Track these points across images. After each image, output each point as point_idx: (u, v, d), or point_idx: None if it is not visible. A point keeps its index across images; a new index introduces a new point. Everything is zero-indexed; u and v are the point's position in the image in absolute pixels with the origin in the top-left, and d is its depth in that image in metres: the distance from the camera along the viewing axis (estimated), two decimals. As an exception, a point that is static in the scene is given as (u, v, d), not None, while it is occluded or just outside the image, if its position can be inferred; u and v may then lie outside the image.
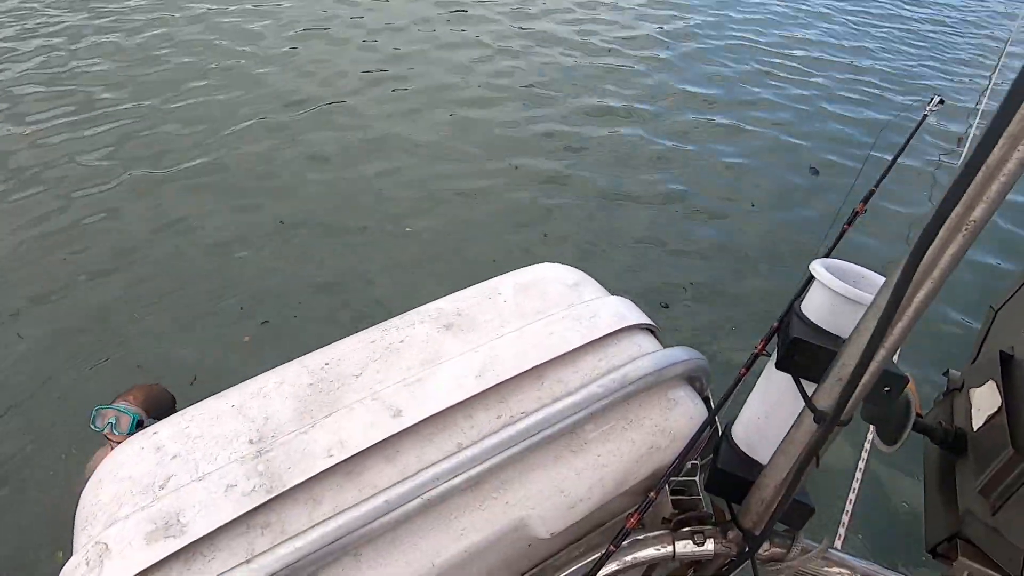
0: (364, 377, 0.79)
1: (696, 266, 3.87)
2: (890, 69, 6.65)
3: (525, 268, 0.99)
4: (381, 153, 4.51)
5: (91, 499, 0.70)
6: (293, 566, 0.60)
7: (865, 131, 5.38)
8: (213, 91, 5.07)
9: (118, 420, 2.13)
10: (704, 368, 0.85)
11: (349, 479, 0.70)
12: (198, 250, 3.65)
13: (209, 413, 0.76)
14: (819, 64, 6.45)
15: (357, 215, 3.98)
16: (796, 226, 4.25)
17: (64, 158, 4.22)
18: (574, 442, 0.76)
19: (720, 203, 4.39)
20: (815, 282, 0.67)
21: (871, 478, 2.80)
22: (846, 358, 0.57)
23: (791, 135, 5.23)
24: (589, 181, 4.45)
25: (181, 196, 4.00)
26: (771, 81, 6.00)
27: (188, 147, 4.43)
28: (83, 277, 3.42)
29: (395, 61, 5.69)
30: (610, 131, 5.01)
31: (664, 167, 4.68)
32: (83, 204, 3.89)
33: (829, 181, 4.72)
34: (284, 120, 4.77)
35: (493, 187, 4.31)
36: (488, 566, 0.73)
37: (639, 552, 0.73)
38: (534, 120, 5.04)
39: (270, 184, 4.16)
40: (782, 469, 0.65)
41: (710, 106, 5.50)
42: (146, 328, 3.18)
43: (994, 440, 0.82)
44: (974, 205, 0.47)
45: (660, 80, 5.81)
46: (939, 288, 0.52)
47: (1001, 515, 0.78)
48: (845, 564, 0.73)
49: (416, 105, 5.08)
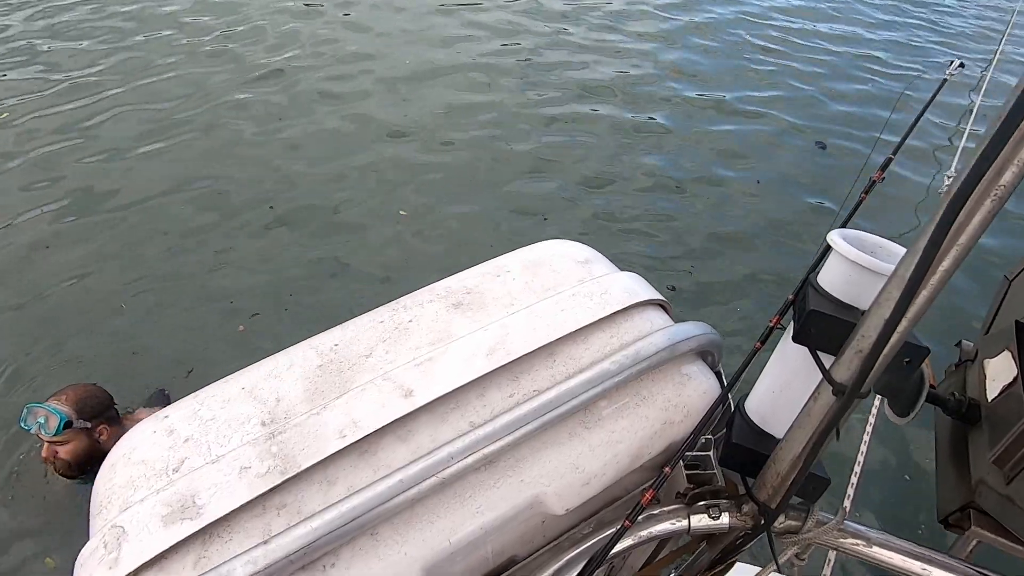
0: (374, 357, 0.78)
1: (702, 245, 3.84)
2: (896, 39, 6.52)
3: (533, 245, 0.97)
4: (369, 136, 4.42)
5: (105, 483, 0.70)
6: (312, 545, 0.60)
7: (877, 103, 5.30)
8: (191, 67, 4.90)
9: (47, 420, 2.13)
10: (716, 343, 0.84)
11: (363, 459, 0.69)
12: (184, 236, 3.59)
13: (220, 396, 0.76)
14: (822, 37, 6.32)
15: (347, 198, 3.90)
16: (803, 202, 4.21)
17: (35, 142, 4.11)
18: (588, 419, 0.76)
19: (724, 180, 4.34)
20: (832, 253, 0.66)
21: (879, 450, 2.82)
22: (866, 329, 0.56)
23: (796, 108, 5.15)
24: (589, 161, 4.40)
25: (161, 179, 3.92)
26: (772, 57, 5.86)
27: (164, 127, 4.30)
28: (65, 270, 3.34)
29: (380, 40, 5.55)
30: (608, 110, 4.94)
31: (663, 146, 4.62)
32: (58, 189, 3.79)
33: (839, 153, 4.65)
34: (271, 100, 4.63)
35: (490, 169, 4.25)
36: (503, 543, 0.74)
37: (654, 527, 0.73)
38: (529, 101, 4.94)
39: (256, 168, 4.06)
40: (799, 442, 0.65)
41: (712, 82, 5.41)
42: (133, 319, 3.12)
43: (1010, 410, 0.81)
44: (1004, 170, 0.46)
45: (660, 56, 5.69)
46: (964, 256, 0.50)
47: (1015, 484, 0.78)
48: (860, 535, 0.73)
49: (402, 86, 4.97)
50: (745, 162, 4.53)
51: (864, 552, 0.72)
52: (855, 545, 0.72)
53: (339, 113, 4.61)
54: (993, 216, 0.48)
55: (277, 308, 3.24)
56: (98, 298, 3.20)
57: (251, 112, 4.54)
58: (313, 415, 0.71)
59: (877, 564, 0.72)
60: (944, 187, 1.95)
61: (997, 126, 0.43)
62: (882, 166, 0.90)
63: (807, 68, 5.76)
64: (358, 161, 4.21)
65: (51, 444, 2.20)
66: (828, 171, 4.48)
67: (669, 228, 3.95)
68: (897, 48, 6.37)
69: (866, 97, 5.42)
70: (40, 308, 3.14)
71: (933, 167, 4.60)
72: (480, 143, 4.46)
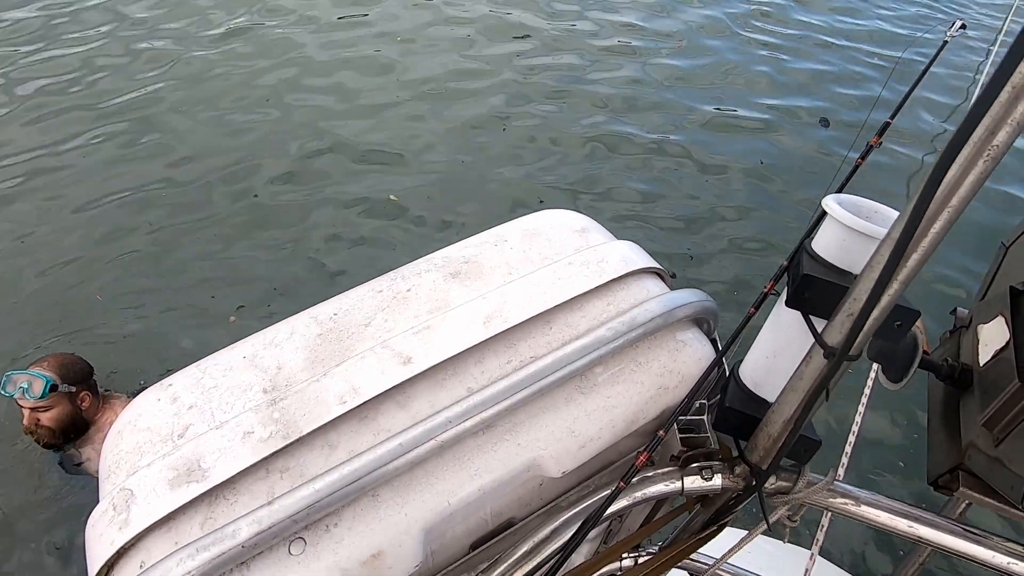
0: (373, 326, 0.79)
1: (703, 217, 3.83)
2: (899, 6, 6.35)
3: (531, 215, 0.98)
4: (355, 113, 4.31)
5: (113, 449, 0.72)
6: (314, 506, 0.62)
7: (875, 69, 5.19)
8: (155, 37, 4.78)
9: (31, 384, 2.14)
10: (712, 310, 0.85)
11: (364, 424, 0.71)
12: (167, 222, 3.54)
13: (222, 364, 0.77)
14: (821, 9, 6.14)
15: (336, 179, 3.84)
16: (805, 175, 4.17)
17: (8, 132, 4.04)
18: (584, 384, 0.77)
19: (725, 159, 4.28)
20: (827, 218, 0.66)
21: (877, 417, 2.86)
22: (858, 292, 0.57)
23: (798, 81, 5.04)
24: (585, 134, 4.34)
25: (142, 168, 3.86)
26: (771, 25, 5.72)
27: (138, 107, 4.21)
28: (39, 260, 3.32)
29: (367, 3, 5.40)
30: (610, 77, 4.85)
31: (662, 118, 4.54)
32: (35, 180, 3.75)
33: (841, 127, 4.58)
34: (258, 80, 4.53)
35: (484, 144, 4.19)
36: (502, 504, 0.76)
37: (648, 488, 0.75)
38: (524, 69, 4.84)
39: (241, 154, 3.98)
40: (791, 405, 0.66)
41: (712, 53, 5.29)
42: (110, 310, 3.10)
43: (1001, 373, 0.82)
44: (997, 129, 0.46)
45: (657, 26, 5.55)
46: (956, 218, 0.51)
47: (1004, 446, 0.79)
48: (849, 495, 0.74)
49: (391, 55, 4.85)
50: (745, 140, 4.47)
51: (853, 511, 0.74)
52: (844, 504, 0.74)
53: (320, 90, 4.51)
54: (986, 177, 0.48)
55: (263, 301, 3.21)
56: (76, 291, 3.18)
57: (236, 95, 4.43)
58: (314, 382, 0.73)
59: (865, 522, 0.74)
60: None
61: (987, 84, 0.43)
62: (879, 131, 0.89)
63: (806, 42, 5.60)
64: (340, 136, 4.13)
65: (33, 412, 2.20)
66: (832, 146, 4.41)
67: (669, 204, 3.92)
68: (898, 17, 6.20)
69: (865, 75, 5.28)
70: (15, 300, 3.13)
71: (938, 133, 4.55)
72: (474, 117, 4.40)
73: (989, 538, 0.72)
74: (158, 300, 3.18)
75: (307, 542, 0.64)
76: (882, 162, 4.16)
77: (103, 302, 3.15)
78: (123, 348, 2.96)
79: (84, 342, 2.94)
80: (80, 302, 3.13)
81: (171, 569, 0.58)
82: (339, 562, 0.64)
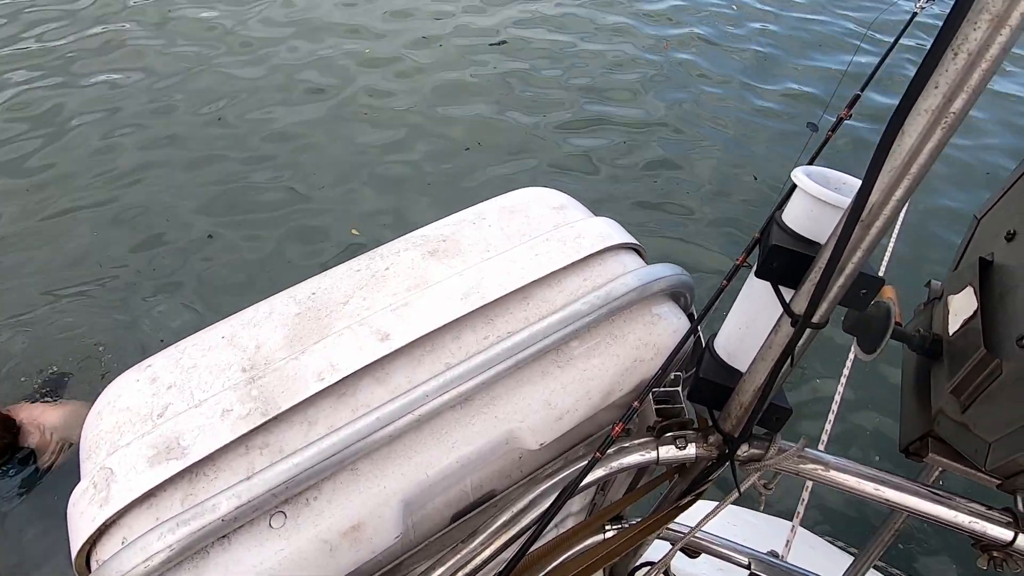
0: (351, 304, 0.80)
1: (689, 204, 3.83)
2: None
3: (509, 193, 0.98)
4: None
5: (93, 430, 0.72)
6: (293, 479, 0.63)
7: (845, 44, 5.15)
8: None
9: None
10: (687, 284, 0.86)
11: (342, 400, 0.72)
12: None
13: (201, 344, 0.77)
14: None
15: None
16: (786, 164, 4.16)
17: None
18: (560, 358, 0.78)
19: (717, 159, 4.25)
20: (796, 190, 0.67)
21: (859, 391, 2.91)
22: (822, 261, 0.58)
23: (768, 54, 4.99)
24: (569, 105, 4.30)
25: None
26: (745, 27, 5.59)
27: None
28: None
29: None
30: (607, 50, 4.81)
31: (642, 111, 4.51)
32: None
33: (811, 100, 4.53)
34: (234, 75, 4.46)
35: (472, 126, 4.16)
36: (481, 476, 0.77)
37: (624, 458, 0.77)
38: (500, 51, 4.78)
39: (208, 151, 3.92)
40: (761, 373, 0.67)
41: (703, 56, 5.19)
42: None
43: (968, 342, 0.84)
44: (954, 96, 0.46)
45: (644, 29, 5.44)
46: (916, 186, 0.52)
47: (970, 412, 0.81)
48: (819, 461, 0.76)
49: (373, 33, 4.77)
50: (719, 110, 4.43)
51: (823, 476, 0.76)
52: (814, 470, 0.76)
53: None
54: (943, 144, 0.49)
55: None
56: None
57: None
58: (292, 360, 0.73)
59: (834, 486, 0.76)
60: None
61: (931, 50, 0.43)
62: (849, 103, 0.90)
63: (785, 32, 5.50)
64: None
65: None
66: (803, 117, 4.39)
67: (658, 190, 3.92)
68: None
69: (836, 47, 5.22)
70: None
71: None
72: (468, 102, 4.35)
73: (952, 499, 0.75)
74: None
75: (287, 516, 0.65)
76: (856, 133, 4.16)
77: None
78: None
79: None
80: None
81: (152, 543, 0.59)
82: (320, 534, 0.65)
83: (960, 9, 0.41)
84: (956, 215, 3.71)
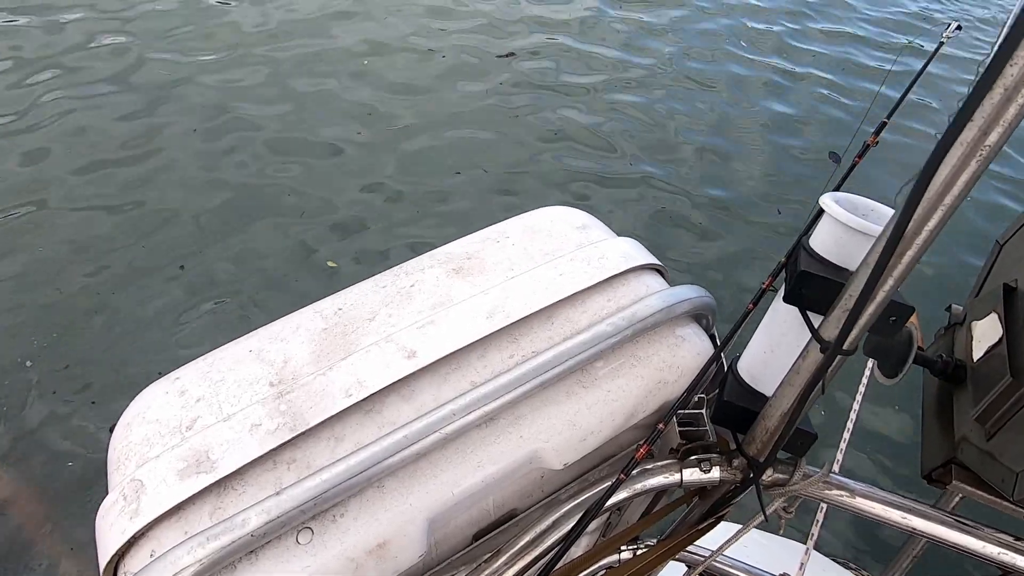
0: (377, 321, 0.80)
1: (706, 225, 3.84)
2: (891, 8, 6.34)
3: (532, 211, 0.99)
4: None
5: (122, 441, 0.73)
6: (321, 496, 0.63)
7: (871, 74, 5.20)
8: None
9: None
10: (711, 306, 0.86)
11: (369, 417, 0.72)
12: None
13: (229, 358, 0.78)
14: (812, 35, 6.04)
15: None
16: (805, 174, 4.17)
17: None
18: (585, 378, 0.79)
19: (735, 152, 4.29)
20: (824, 215, 0.67)
21: (869, 412, 2.89)
22: (853, 288, 0.58)
23: (794, 84, 5.04)
24: (584, 120, 4.34)
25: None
26: (763, 54, 5.63)
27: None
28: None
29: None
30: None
31: (658, 141, 4.54)
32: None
33: (838, 126, 4.57)
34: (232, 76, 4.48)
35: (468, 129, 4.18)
36: (505, 496, 0.77)
37: (648, 480, 0.77)
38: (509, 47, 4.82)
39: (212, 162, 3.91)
40: (787, 398, 0.67)
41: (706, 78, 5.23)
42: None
43: (993, 369, 0.84)
44: (989, 130, 0.47)
45: (658, 47, 5.49)
46: (949, 216, 0.52)
47: (996, 440, 0.81)
48: (845, 487, 0.76)
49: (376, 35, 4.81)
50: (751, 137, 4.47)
51: (848, 503, 0.76)
52: (840, 496, 0.76)
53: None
54: (978, 176, 0.50)
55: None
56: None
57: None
58: (319, 375, 0.74)
59: (860, 514, 0.76)
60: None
61: (976, 86, 0.44)
62: (876, 130, 0.91)
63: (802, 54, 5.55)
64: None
65: None
66: (829, 144, 4.42)
67: (671, 212, 3.93)
68: (896, 18, 6.18)
69: (864, 75, 5.26)
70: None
71: (937, 133, 4.56)
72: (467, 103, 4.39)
73: (980, 529, 0.74)
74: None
75: (314, 532, 0.66)
76: (882, 161, 4.18)
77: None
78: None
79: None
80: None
81: (181, 557, 0.59)
82: (345, 551, 0.66)
83: (1008, 47, 0.42)
84: (976, 235, 3.70)
